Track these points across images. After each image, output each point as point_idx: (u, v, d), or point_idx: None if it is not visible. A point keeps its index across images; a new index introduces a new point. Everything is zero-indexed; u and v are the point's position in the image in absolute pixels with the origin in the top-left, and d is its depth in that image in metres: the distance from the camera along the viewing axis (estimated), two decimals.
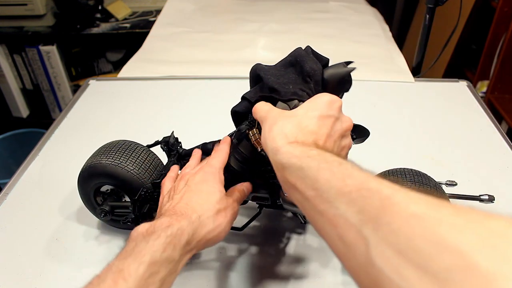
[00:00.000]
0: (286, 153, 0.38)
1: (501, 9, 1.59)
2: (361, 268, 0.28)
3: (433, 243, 0.23)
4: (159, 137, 0.65)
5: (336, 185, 0.32)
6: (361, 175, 0.32)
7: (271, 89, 0.47)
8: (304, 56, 0.48)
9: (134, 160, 0.57)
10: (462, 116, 0.90)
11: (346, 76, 0.47)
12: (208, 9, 1.49)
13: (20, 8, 1.69)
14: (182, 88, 1.02)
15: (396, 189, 0.29)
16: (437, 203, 0.26)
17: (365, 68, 1.08)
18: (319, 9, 1.47)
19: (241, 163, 0.50)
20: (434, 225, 0.24)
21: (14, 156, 1.75)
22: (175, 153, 0.61)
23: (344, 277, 0.56)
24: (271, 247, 0.61)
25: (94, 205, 0.61)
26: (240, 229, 0.58)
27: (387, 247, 0.26)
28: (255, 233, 0.63)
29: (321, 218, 0.33)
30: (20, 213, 0.68)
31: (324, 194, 0.33)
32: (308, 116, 0.42)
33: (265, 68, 0.49)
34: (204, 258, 0.60)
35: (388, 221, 0.27)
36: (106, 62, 1.96)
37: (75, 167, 0.77)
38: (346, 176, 0.32)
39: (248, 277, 0.57)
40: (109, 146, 0.59)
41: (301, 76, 0.47)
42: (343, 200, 0.31)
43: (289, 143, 0.39)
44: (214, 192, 0.47)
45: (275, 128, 0.42)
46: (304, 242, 0.62)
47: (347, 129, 0.44)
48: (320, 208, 0.33)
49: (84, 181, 0.59)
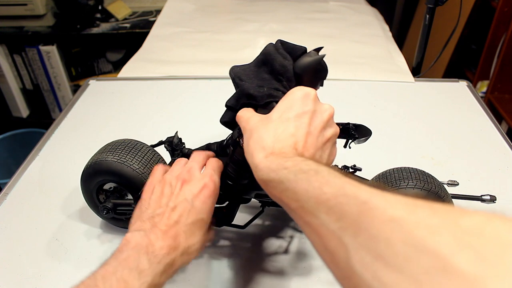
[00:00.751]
0: (264, 168, 0.38)
1: (501, 9, 1.59)
2: (344, 275, 0.28)
3: (411, 246, 0.23)
4: (159, 137, 0.65)
5: (314, 194, 0.32)
6: (338, 182, 0.31)
7: (248, 95, 0.47)
8: (272, 54, 0.47)
9: (140, 159, 0.57)
10: (462, 116, 0.90)
11: (317, 65, 0.46)
12: (208, 9, 1.49)
13: (20, 8, 1.69)
14: (182, 88, 1.02)
15: (373, 194, 0.28)
16: (414, 205, 0.26)
17: (365, 68, 1.08)
18: (319, 9, 1.47)
19: (239, 170, 0.50)
20: (412, 228, 0.24)
21: (14, 156, 1.75)
22: (178, 152, 0.61)
23: None
24: (274, 245, 0.61)
25: (96, 203, 0.61)
26: (243, 227, 0.58)
27: (366, 253, 0.26)
28: (257, 232, 0.63)
29: (307, 229, 0.33)
30: (20, 213, 0.68)
31: (305, 204, 0.33)
32: (283, 119, 0.42)
33: (240, 73, 0.49)
34: (205, 257, 0.60)
35: (366, 226, 0.26)
36: (106, 62, 1.96)
37: (75, 167, 0.77)
38: (323, 184, 0.32)
39: (250, 275, 0.57)
40: (114, 144, 0.60)
41: (273, 75, 0.47)
42: (322, 209, 0.31)
43: (266, 157, 0.39)
44: (206, 223, 0.46)
45: (251, 143, 0.41)
46: (307, 240, 0.62)
47: (329, 119, 0.44)
48: (305, 220, 0.33)
49: (88, 178, 0.59)
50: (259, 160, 0.39)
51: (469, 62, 1.87)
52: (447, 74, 1.87)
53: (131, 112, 0.94)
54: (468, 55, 1.86)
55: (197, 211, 0.45)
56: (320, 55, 0.46)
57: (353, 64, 1.10)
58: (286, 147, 0.39)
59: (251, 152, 0.41)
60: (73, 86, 1.93)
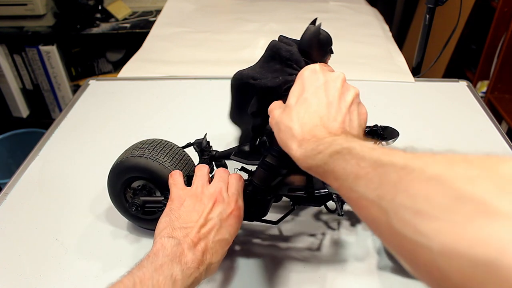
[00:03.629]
0: (301, 157, 0.40)
1: (501, 9, 1.59)
2: (387, 237, 0.29)
3: (451, 197, 0.24)
4: (159, 137, 0.65)
5: (352, 171, 0.33)
6: (373, 154, 0.33)
7: (268, 89, 0.48)
8: (277, 44, 0.49)
9: (171, 157, 0.58)
10: (462, 116, 0.90)
11: (318, 34, 0.47)
12: (208, 9, 1.49)
13: (20, 8, 1.69)
14: (182, 88, 1.02)
15: (409, 158, 0.29)
16: (452, 161, 0.27)
17: (365, 68, 1.08)
18: (319, 9, 1.47)
19: (278, 158, 0.51)
20: (451, 182, 0.25)
21: (14, 156, 1.75)
22: (207, 154, 0.62)
23: (381, 274, 0.57)
24: (306, 242, 0.62)
25: (122, 200, 0.61)
26: (275, 223, 0.59)
27: (405, 212, 0.27)
28: (289, 228, 0.64)
29: (350, 203, 0.34)
30: (20, 213, 0.68)
31: (344, 182, 0.34)
32: (300, 102, 0.42)
33: (251, 73, 0.50)
34: (237, 253, 0.60)
35: (405, 188, 0.27)
36: (106, 62, 1.96)
37: (75, 167, 0.77)
38: (359, 160, 0.33)
39: (282, 272, 0.58)
40: (145, 143, 0.60)
41: (283, 64, 0.48)
42: (361, 182, 0.32)
43: (299, 144, 0.40)
44: (229, 244, 0.48)
45: (282, 136, 0.42)
46: (339, 237, 0.62)
47: (342, 84, 0.44)
48: (346, 196, 0.34)
49: (117, 175, 0.59)
50: (294, 150, 0.40)
51: (469, 62, 1.87)
52: (447, 74, 1.87)
53: (131, 112, 0.94)
54: (468, 55, 1.86)
55: (223, 231, 0.47)
56: (317, 25, 0.47)
57: (353, 64, 1.10)
58: (314, 127, 0.40)
59: (284, 145, 0.42)
60: (73, 86, 1.93)
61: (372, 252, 0.60)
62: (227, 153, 0.60)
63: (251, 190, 0.54)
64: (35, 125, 1.83)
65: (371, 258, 0.59)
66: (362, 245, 0.61)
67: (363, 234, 0.63)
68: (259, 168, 0.52)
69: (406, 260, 0.28)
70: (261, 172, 0.52)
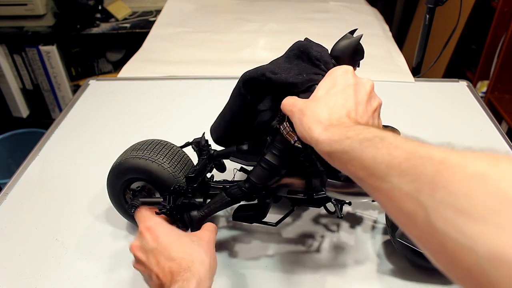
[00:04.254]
0: (326, 140, 0.38)
1: (501, 9, 1.59)
2: (424, 234, 0.28)
3: (497, 199, 0.23)
4: (159, 137, 0.65)
5: (383, 160, 0.32)
6: (408, 145, 0.31)
7: (288, 84, 0.47)
8: (306, 44, 0.49)
9: (170, 158, 0.58)
10: (462, 116, 0.90)
11: (356, 46, 0.48)
12: (208, 9, 1.49)
13: (20, 8, 1.69)
14: (182, 88, 1.02)
15: (448, 152, 0.28)
16: (495, 158, 0.26)
17: (365, 68, 1.08)
18: (319, 9, 1.47)
19: (279, 158, 0.50)
20: (497, 181, 0.24)
21: (14, 156, 1.75)
22: (206, 153, 0.62)
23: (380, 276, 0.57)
24: (305, 244, 0.62)
25: (122, 202, 0.61)
26: (275, 225, 0.59)
27: (446, 209, 0.26)
28: (289, 230, 0.64)
29: (378, 194, 0.33)
30: (20, 213, 0.68)
31: (374, 171, 0.33)
32: (330, 94, 0.42)
33: (271, 68, 0.49)
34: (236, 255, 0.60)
35: (444, 184, 0.26)
36: (106, 62, 1.96)
37: (75, 167, 0.77)
38: (392, 149, 0.32)
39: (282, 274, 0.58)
40: (144, 144, 0.60)
41: (310, 63, 0.48)
42: (394, 173, 0.31)
43: (325, 129, 0.39)
44: (177, 236, 0.48)
45: (305, 120, 0.41)
46: (339, 239, 0.62)
47: (371, 90, 0.45)
48: (374, 185, 0.33)
49: (116, 176, 0.59)
50: (318, 133, 0.39)
51: (469, 62, 1.87)
52: (447, 74, 1.87)
53: (131, 112, 0.94)
54: (468, 55, 1.86)
55: (154, 243, 0.47)
56: (357, 36, 0.48)
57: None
58: (343, 117, 0.40)
59: (307, 129, 0.41)
60: (73, 86, 1.93)
61: (372, 255, 0.60)
62: (226, 152, 0.60)
63: (248, 188, 0.53)
64: (35, 125, 1.83)
65: (371, 261, 0.59)
66: (362, 247, 0.61)
67: (363, 236, 0.63)
68: (258, 165, 0.52)
69: (445, 260, 0.27)
70: (259, 170, 0.52)
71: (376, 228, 0.64)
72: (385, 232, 0.63)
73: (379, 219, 0.65)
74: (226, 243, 0.62)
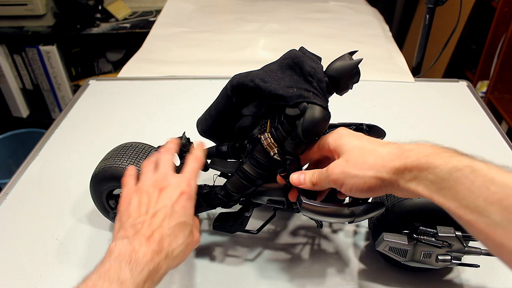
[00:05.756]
0: (411, 184, 0.37)
1: (501, 9, 1.59)
2: None
3: None
4: (159, 137, 0.64)
5: (480, 194, 0.31)
6: (505, 179, 0.30)
7: (276, 96, 0.46)
8: (301, 56, 0.47)
9: None
10: (462, 116, 0.90)
11: (354, 68, 0.46)
12: (208, 9, 1.49)
13: (20, 8, 1.69)
14: (182, 88, 1.02)
15: None
16: None
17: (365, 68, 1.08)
18: (319, 9, 1.47)
19: (257, 168, 0.49)
20: None
21: (14, 156, 1.75)
22: (186, 152, 0.61)
23: (361, 282, 0.57)
24: (286, 250, 0.61)
25: (107, 209, 0.61)
26: (256, 233, 0.58)
27: None
28: (270, 236, 0.63)
29: (471, 228, 0.32)
30: (20, 213, 0.68)
31: (469, 204, 0.31)
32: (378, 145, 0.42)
33: (261, 74, 0.48)
34: (218, 263, 0.60)
35: None
36: (106, 62, 1.96)
37: (75, 167, 0.77)
38: (488, 183, 0.31)
39: (264, 281, 0.57)
40: (122, 149, 0.59)
41: (302, 77, 0.46)
42: (494, 208, 0.29)
43: (398, 172, 0.38)
44: (189, 226, 0.46)
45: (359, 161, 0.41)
46: (320, 245, 0.62)
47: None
48: (466, 218, 0.32)
49: (97, 185, 0.59)
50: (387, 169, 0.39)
51: (469, 62, 1.87)
52: (447, 74, 1.87)
53: (131, 112, 0.94)
54: (468, 55, 1.86)
55: (178, 215, 0.45)
56: (356, 60, 0.46)
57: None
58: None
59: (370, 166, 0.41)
60: (73, 86, 1.93)
61: (354, 260, 0.60)
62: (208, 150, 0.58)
63: (223, 195, 0.52)
64: (35, 125, 1.84)
65: (369, 262, 0.59)
66: (341, 252, 0.61)
67: (345, 241, 0.63)
68: (236, 174, 0.51)
69: None
70: (236, 179, 0.51)
71: (359, 233, 0.63)
72: (367, 238, 0.63)
73: (362, 223, 0.65)
74: (208, 248, 0.62)
